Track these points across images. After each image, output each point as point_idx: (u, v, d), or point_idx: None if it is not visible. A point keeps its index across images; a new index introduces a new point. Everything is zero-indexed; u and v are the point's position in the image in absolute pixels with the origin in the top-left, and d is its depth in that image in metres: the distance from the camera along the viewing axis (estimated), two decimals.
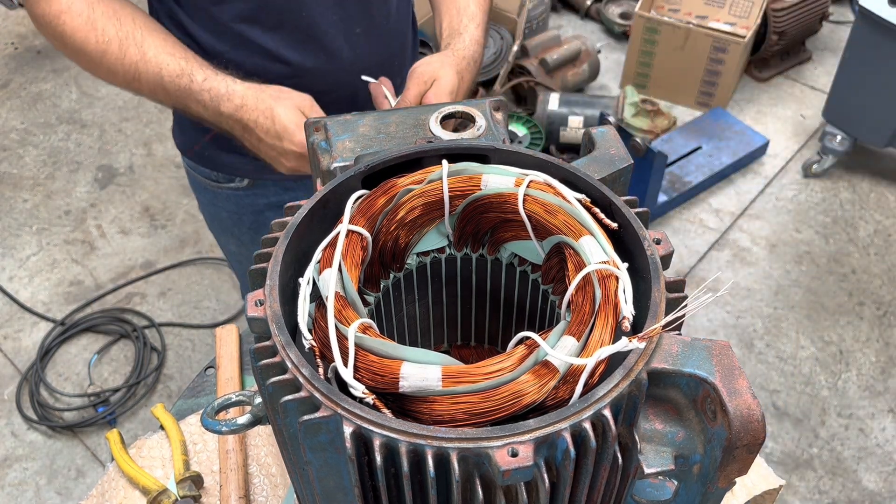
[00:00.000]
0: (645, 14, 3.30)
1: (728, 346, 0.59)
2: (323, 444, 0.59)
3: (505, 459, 0.54)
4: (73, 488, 2.31)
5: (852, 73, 2.88)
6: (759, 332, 2.67)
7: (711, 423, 0.58)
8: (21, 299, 2.76)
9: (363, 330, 0.63)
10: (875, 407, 2.49)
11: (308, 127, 0.89)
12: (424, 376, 0.59)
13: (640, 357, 0.58)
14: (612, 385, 0.57)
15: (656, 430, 0.61)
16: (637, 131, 3.10)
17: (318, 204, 0.72)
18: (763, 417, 0.56)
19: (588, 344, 0.61)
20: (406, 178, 0.74)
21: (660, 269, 0.64)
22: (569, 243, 0.68)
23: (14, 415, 2.46)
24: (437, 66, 1.15)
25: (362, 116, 0.90)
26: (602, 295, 0.63)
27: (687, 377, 0.59)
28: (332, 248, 0.68)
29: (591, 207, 0.70)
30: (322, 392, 0.58)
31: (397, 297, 0.81)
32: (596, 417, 0.56)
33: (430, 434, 0.55)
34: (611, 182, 0.75)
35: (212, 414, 0.72)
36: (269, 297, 0.64)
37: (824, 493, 2.30)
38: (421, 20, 2.41)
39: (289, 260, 0.68)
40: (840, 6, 3.92)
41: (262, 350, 0.62)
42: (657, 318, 0.61)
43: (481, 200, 0.73)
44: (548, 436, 0.55)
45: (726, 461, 0.58)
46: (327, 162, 0.82)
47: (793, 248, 2.93)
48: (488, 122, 0.87)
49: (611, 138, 0.77)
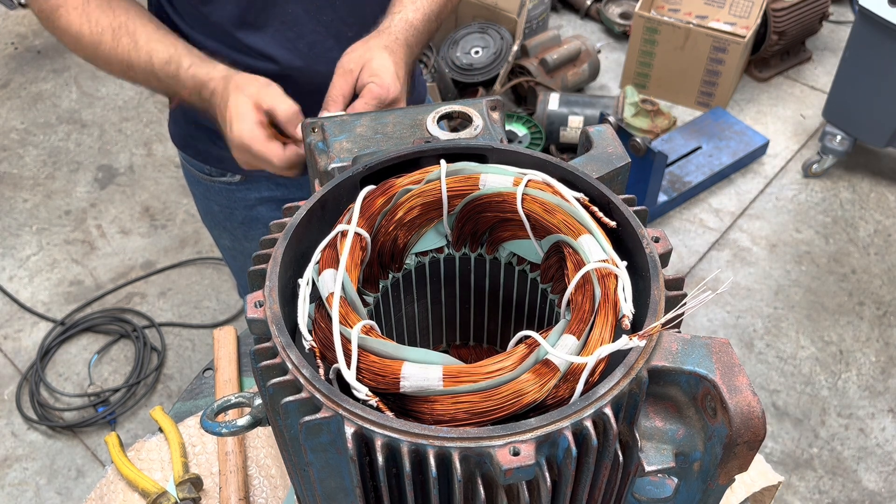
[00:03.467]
0: (645, 14, 3.30)
1: (727, 344, 0.59)
2: (324, 444, 0.59)
3: (506, 458, 0.54)
4: (73, 488, 2.31)
5: (852, 73, 2.88)
6: (759, 332, 2.67)
7: (712, 420, 0.58)
8: (21, 299, 2.76)
9: (366, 331, 0.63)
10: (875, 407, 2.49)
11: (305, 128, 0.89)
12: (425, 376, 0.59)
13: (640, 355, 0.58)
14: (613, 383, 0.57)
15: (657, 427, 0.61)
16: (637, 131, 3.10)
17: (316, 205, 0.72)
18: (763, 414, 0.56)
19: (588, 342, 0.61)
20: (404, 178, 0.74)
21: (659, 267, 0.64)
22: (568, 242, 0.68)
23: (14, 415, 2.46)
24: (360, 50, 1.08)
25: (359, 117, 0.90)
26: (601, 293, 0.63)
27: (687, 374, 0.59)
28: (331, 249, 0.68)
29: (590, 206, 0.70)
30: (323, 393, 0.58)
31: (396, 298, 0.81)
32: (597, 416, 0.56)
33: (432, 434, 0.55)
34: (609, 180, 0.75)
35: (211, 416, 0.72)
36: (268, 299, 0.64)
37: (824, 493, 2.30)
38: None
39: (287, 261, 0.68)
40: (840, 6, 3.92)
41: (263, 351, 0.62)
42: (657, 316, 0.61)
43: (479, 200, 0.73)
44: (549, 434, 0.55)
45: (727, 458, 0.58)
46: (325, 163, 0.83)
47: (793, 248, 2.93)
48: (485, 122, 0.87)
49: (608, 137, 0.78)
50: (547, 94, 3.16)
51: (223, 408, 0.74)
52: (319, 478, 0.63)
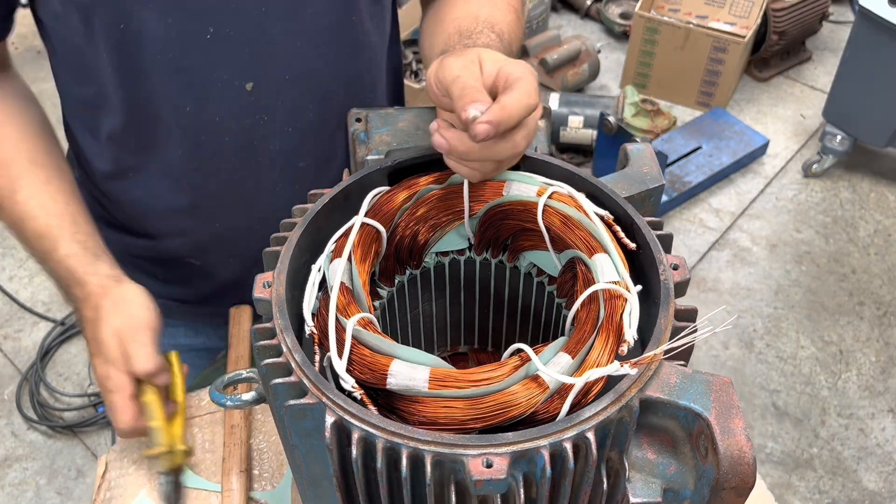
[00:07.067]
0: (645, 14, 3.30)
1: (730, 384, 0.57)
2: (308, 430, 0.60)
3: (478, 469, 0.53)
4: (73, 488, 2.31)
5: (852, 73, 2.88)
6: (759, 332, 2.67)
7: (703, 460, 0.57)
8: (21, 299, 2.76)
9: (363, 325, 0.63)
10: (875, 407, 2.49)
11: (351, 117, 0.88)
12: (412, 376, 0.60)
13: (634, 383, 0.57)
14: (600, 408, 0.56)
15: (648, 459, 0.60)
16: (637, 131, 3.10)
17: (340, 194, 0.73)
18: (754, 461, 0.54)
19: (585, 363, 0.60)
20: (429, 176, 0.74)
21: (671, 295, 0.63)
22: (582, 259, 0.67)
23: (14, 415, 2.46)
24: (472, 54, 0.73)
25: (404, 111, 0.89)
26: (606, 315, 0.62)
27: (683, 410, 0.57)
28: (344, 239, 0.69)
29: (613, 225, 0.69)
30: (310, 379, 0.59)
31: (413, 294, 0.81)
32: (579, 438, 0.55)
33: (408, 434, 0.55)
34: (640, 201, 0.73)
35: (220, 387, 0.74)
36: (276, 281, 0.65)
37: (824, 493, 2.30)
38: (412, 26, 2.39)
39: (304, 246, 0.69)
40: (840, 6, 3.92)
41: (262, 331, 0.64)
42: (658, 346, 0.60)
43: (502, 207, 0.73)
44: (526, 451, 0.54)
45: (714, 502, 0.57)
46: (362, 153, 0.82)
47: (793, 248, 2.93)
48: None
49: (646, 156, 0.76)
50: (547, 94, 3.16)
51: (232, 381, 0.75)
52: (305, 462, 0.65)
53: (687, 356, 0.61)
